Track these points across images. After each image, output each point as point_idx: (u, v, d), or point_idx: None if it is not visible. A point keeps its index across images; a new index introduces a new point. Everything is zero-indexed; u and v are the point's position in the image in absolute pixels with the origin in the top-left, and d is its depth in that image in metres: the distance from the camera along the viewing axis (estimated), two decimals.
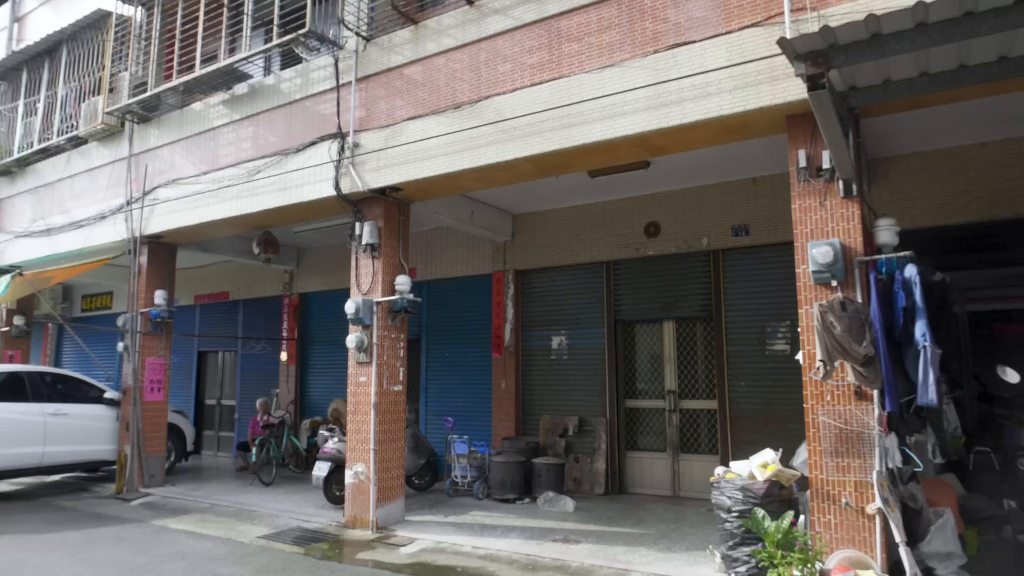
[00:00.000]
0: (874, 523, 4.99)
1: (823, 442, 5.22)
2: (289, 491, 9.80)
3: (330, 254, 12.42)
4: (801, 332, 5.45)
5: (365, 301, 7.69)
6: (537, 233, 10.27)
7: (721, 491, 5.61)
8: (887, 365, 4.89)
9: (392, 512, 7.68)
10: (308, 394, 12.63)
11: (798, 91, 5.33)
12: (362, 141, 7.84)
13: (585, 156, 6.65)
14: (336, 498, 8.56)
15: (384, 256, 7.88)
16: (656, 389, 9.39)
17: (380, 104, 7.80)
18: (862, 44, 4.03)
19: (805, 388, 5.37)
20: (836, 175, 5.34)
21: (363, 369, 7.77)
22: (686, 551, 6.46)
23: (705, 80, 5.74)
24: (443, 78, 7.33)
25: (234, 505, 8.83)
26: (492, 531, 7.31)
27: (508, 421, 10.11)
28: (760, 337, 8.57)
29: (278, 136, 8.68)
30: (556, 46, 6.62)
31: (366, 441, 7.61)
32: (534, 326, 10.34)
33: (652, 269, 9.44)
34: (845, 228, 5.32)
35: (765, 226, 8.51)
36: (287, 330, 12.80)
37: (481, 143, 6.92)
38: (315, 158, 8.17)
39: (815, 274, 5.28)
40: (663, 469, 9.18)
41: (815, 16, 5.34)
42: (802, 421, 8.09)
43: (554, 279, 10.26)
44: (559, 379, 10.03)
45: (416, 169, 7.36)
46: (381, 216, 7.90)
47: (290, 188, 8.35)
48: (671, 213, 9.17)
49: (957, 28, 3.80)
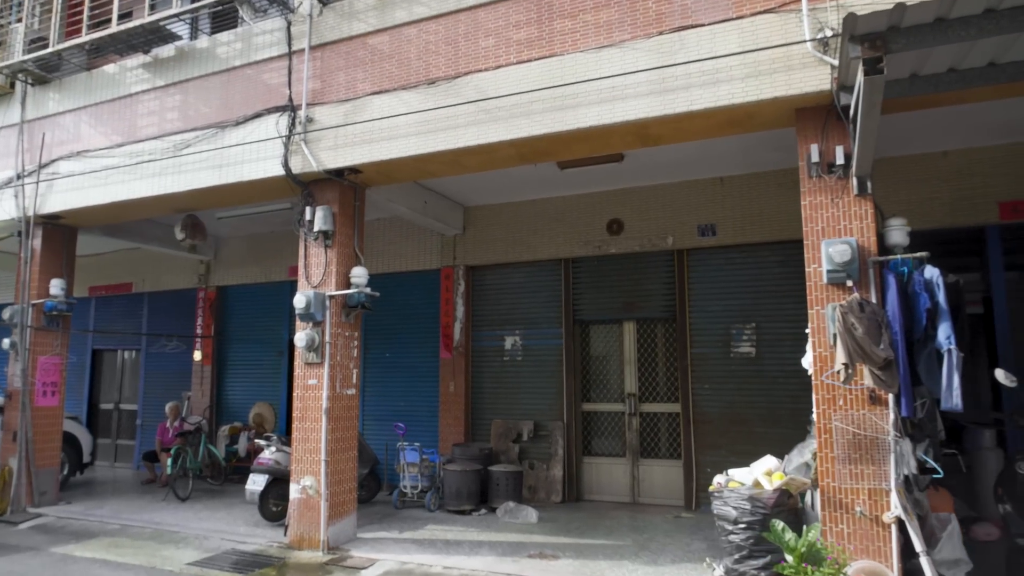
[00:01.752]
0: (889, 532, 4.82)
1: (835, 448, 5.00)
2: (211, 507, 8.73)
3: (255, 244, 11.33)
4: (812, 334, 5.22)
5: (317, 295, 6.87)
6: (491, 227, 9.72)
7: (725, 501, 5.30)
8: (905, 368, 4.73)
9: (344, 530, 6.90)
10: (226, 397, 11.44)
11: (815, 83, 5.12)
12: (317, 116, 7.01)
13: (574, 143, 6.18)
14: (273, 514, 7.66)
15: (338, 245, 7.09)
16: (615, 392, 9.07)
17: (338, 76, 7.01)
18: (925, 28, 3.79)
19: (816, 392, 5.14)
20: (850, 172, 5.14)
21: (313, 371, 6.94)
22: (673, 563, 6.12)
23: (715, 66, 5.41)
24: (415, 50, 6.66)
25: (150, 525, 7.72)
26: (458, 548, 6.69)
27: (456, 426, 9.49)
28: (725, 339, 8.43)
29: (212, 107, 7.67)
30: (547, 22, 6.11)
31: (316, 451, 6.79)
32: (486, 325, 9.77)
33: (614, 268, 9.12)
34: (859, 227, 5.13)
35: (732, 227, 8.37)
36: (202, 327, 11.56)
37: (459, 123, 6.31)
38: (259, 132, 7.26)
39: (830, 273, 5.06)
40: (622, 475, 8.86)
41: (834, 5, 5.13)
42: (768, 425, 8.15)
43: (508, 276, 9.75)
44: (513, 381, 9.51)
45: (381, 149, 6.64)
46: (336, 201, 7.10)
47: (228, 165, 7.37)
48: (635, 210, 8.88)
49: None
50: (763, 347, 8.23)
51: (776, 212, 8.17)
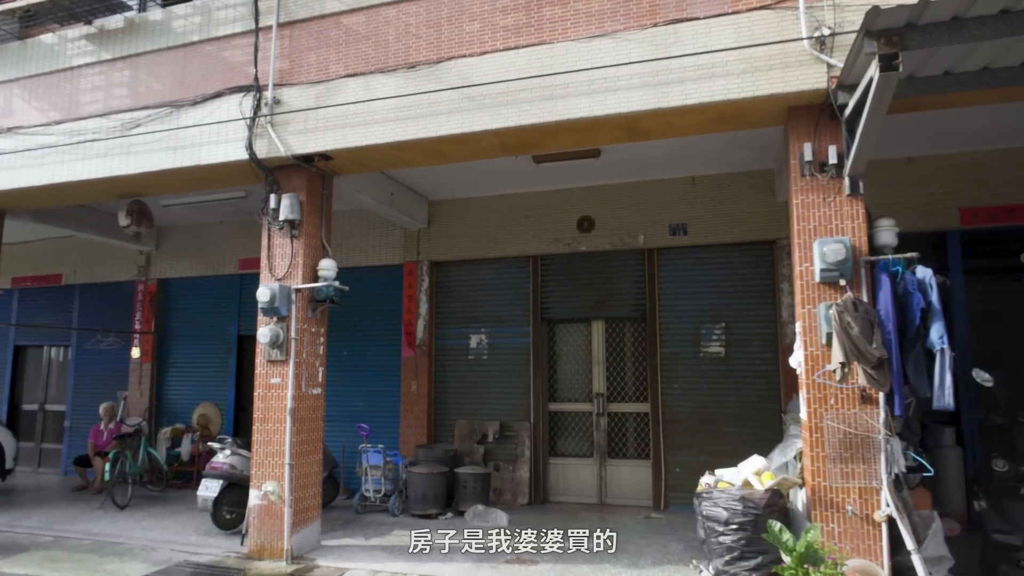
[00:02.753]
0: (879, 531, 4.84)
1: (827, 447, 4.99)
2: (155, 515, 8.13)
3: (202, 234, 10.68)
4: (802, 333, 5.19)
5: (282, 288, 6.45)
6: (457, 222, 9.44)
7: (715, 502, 5.20)
8: (898, 367, 4.76)
9: (308, 538, 6.51)
10: (167, 397, 10.73)
11: (812, 81, 5.11)
12: (284, 98, 6.59)
13: (561, 134, 6.00)
14: (228, 522, 7.18)
15: (305, 236, 6.69)
16: (583, 392, 8.94)
17: (309, 56, 6.62)
18: (941, 26, 3.78)
19: (807, 392, 5.12)
20: (843, 171, 5.15)
21: (276, 369, 6.52)
22: (654, 565, 6.02)
23: (711, 60, 5.33)
24: (393, 32, 6.34)
25: (88, 536, 7.11)
26: (431, 555, 6.39)
27: (419, 427, 9.17)
28: (695, 339, 8.42)
29: (167, 84, 7.13)
30: (535, 8, 5.92)
31: (279, 455, 6.38)
32: (451, 323, 9.48)
33: (584, 266, 8.99)
34: (851, 226, 5.15)
35: (703, 226, 8.37)
36: (141, 322, 10.82)
37: (441, 110, 6.03)
38: (220, 113, 6.78)
39: (823, 272, 5.04)
40: (589, 476, 8.74)
41: (830, 4, 5.13)
42: (737, 424, 8.16)
43: (475, 273, 9.49)
44: (478, 381, 9.26)
45: (356, 135, 6.29)
46: (304, 188, 6.70)
47: (184, 148, 6.86)
48: (606, 208, 8.78)
49: None
50: (732, 347, 8.26)
51: (747, 213, 8.22)
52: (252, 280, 10.24)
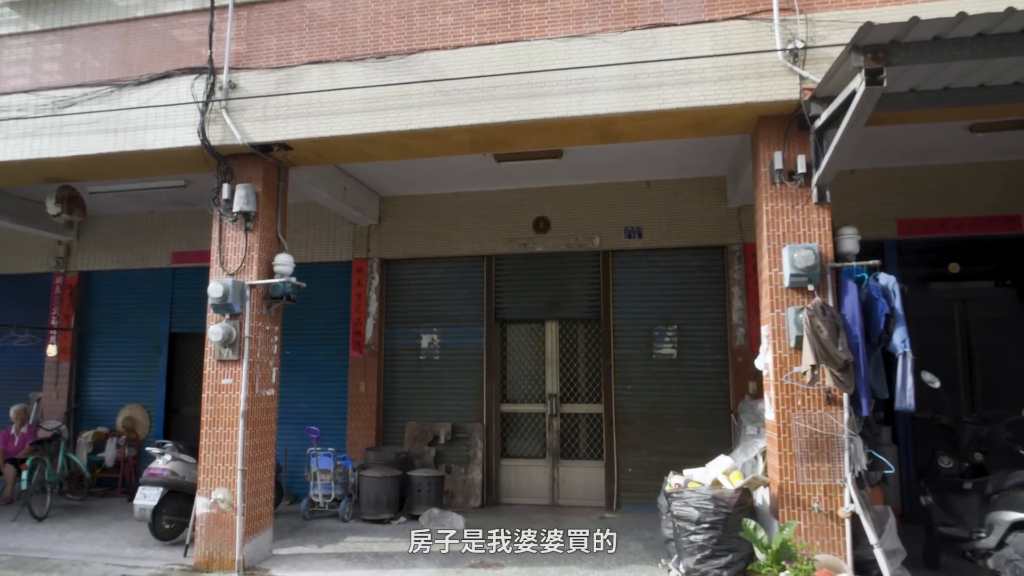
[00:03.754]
0: (843, 526, 5.03)
1: (795, 447, 5.15)
2: (79, 526, 7.52)
3: (131, 224, 9.99)
4: (772, 336, 5.34)
5: (236, 283, 6.10)
6: (409, 219, 9.22)
7: (686, 502, 5.27)
8: (865, 370, 4.96)
9: (260, 547, 6.18)
10: (88, 399, 9.96)
11: (784, 91, 5.26)
12: (242, 83, 6.24)
13: (534, 133, 5.95)
14: (167, 532, 6.73)
15: (261, 229, 6.35)
16: (536, 393, 8.92)
17: (269, 40, 6.29)
18: (924, 45, 3.95)
19: (775, 393, 5.26)
20: (812, 180, 5.33)
21: (228, 369, 6.15)
22: (619, 565, 6.05)
23: (688, 66, 5.40)
24: (361, 20, 6.11)
25: (5, 552, 6.50)
26: (391, 561, 6.21)
27: (367, 429, 8.89)
28: (647, 341, 8.55)
29: (106, 61, 6.61)
30: (512, 4, 5.84)
31: (230, 460, 6.02)
32: (401, 322, 9.25)
33: (539, 266, 8.97)
34: (819, 233, 5.33)
35: (657, 230, 8.51)
36: (59, 317, 10.01)
37: (412, 103, 5.86)
38: (168, 96, 6.34)
39: (793, 277, 5.20)
40: (542, 477, 8.73)
41: (803, 18, 5.30)
42: (688, 425, 8.33)
43: (427, 271, 9.29)
44: (429, 382, 9.07)
45: (320, 125, 6.02)
46: (260, 179, 6.36)
47: (126, 131, 6.38)
48: (562, 209, 8.79)
49: (1011, 44, 3.88)
50: (684, 349, 8.44)
51: (700, 218, 8.42)
52: (187, 274, 9.75)
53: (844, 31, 5.22)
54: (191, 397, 9.77)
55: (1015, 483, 4.75)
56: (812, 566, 4.56)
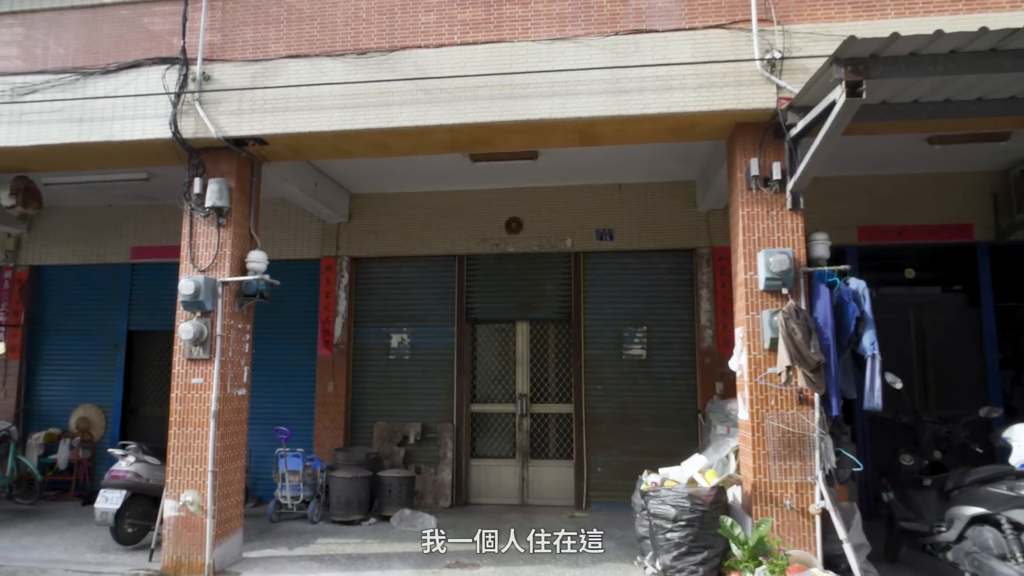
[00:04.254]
0: (813, 522, 5.20)
1: (768, 446, 5.30)
2: (33, 531, 7.22)
3: (86, 218, 9.62)
4: (747, 338, 5.48)
5: (208, 280, 5.95)
6: (380, 217, 9.14)
7: (662, 500, 5.37)
8: (835, 371, 5.14)
9: (230, 550, 6.04)
10: (39, 399, 9.55)
11: (762, 100, 5.41)
12: (216, 75, 6.09)
13: (516, 134, 5.98)
14: (129, 536, 6.52)
15: (234, 225, 6.21)
16: (507, 393, 8.94)
17: (245, 32, 6.15)
18: (900, 60, 4.12)
19: (750, 393, 5.40)
20: (786, 187, 5.49)
21: (199, 368, 6.00)
22: (594, 564, 6.11)
23: (668, 72, 5.51)
24: (341, 15, 6.04)
25: None
26: (365, 563, 6.15)
27: (335, 429, 8.78)
28: (617, 341, 8.66)
29: (70, 48, 6.37)
30: (495, 5, 5.85)
31: (200, 461, 5.87)
32: (371, 322, 9.16)
33: (510, 267, 9.00)
34: (792, 239, 5.50)
35: (628, 232, 8.63)
36: (8, 313, 9.57)
37: (394, 101, 5.81)
38: (138, 85, 6.15)
39: (768, 281, 5.35)
40: (511, 477, 8.75)
41: (780, 29, 5.46)
42: (657, 424, 8.47)
43: (398, 270, 9.22)
44: (399, 381, 9.00)
45: (299, 120, 5.92)
46: (233, 174, 6.22)
47: (92, 120, 6.15)
48: (535, 210, 8.84)
49: (980, 61, 4.08)
50: (653, 350, 8.58)
51: (669, 221, 8.57)
52: (147, 270, 9.47)
53: (819, 43, 5.41)
54: (150, 397, 9.48)
55: (975, 479, 4.98)
56: (787, 561, 4.70)
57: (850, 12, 5.46)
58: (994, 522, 4.71)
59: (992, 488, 4.76)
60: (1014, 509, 4.57)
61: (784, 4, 5.52)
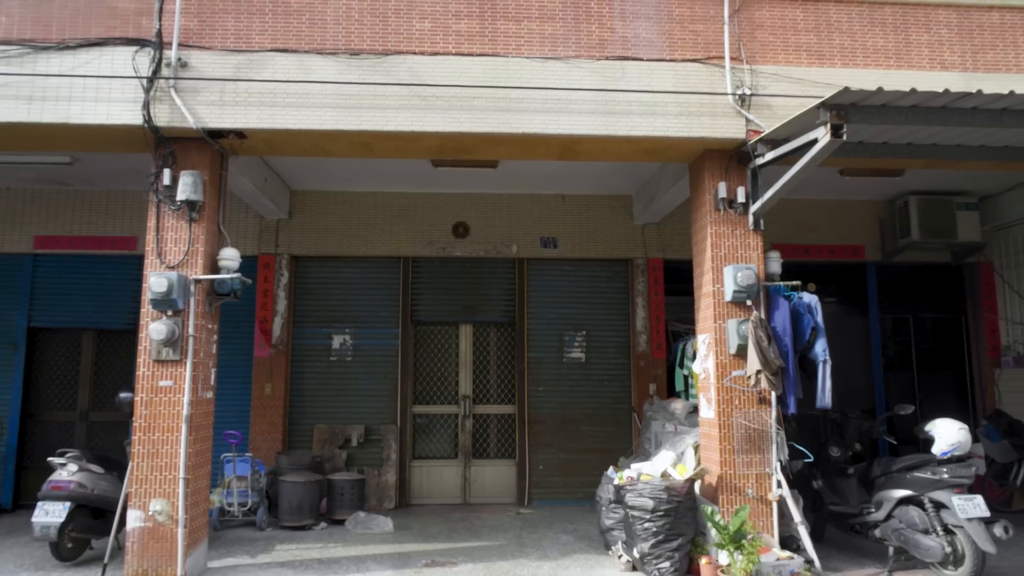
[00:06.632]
0: (771, 508, 5.87)
1: (734, 441, 5.91)
2: None
3: None
4: (714, 344, 6.07)
5: (180, 278, 5.65)
6: (322, 216, 8.95)
7: (639, 493, 5.81)
8: (794, 374, 5.85)
9: (198, 561, 5.77)
10: None
11: (733, 130, 6.04)
12: (194, 62, 5.79)
13: (502, 145, 6.21)
14: (70, 552, 6.00)
15: (206, 220, 5.93)
16: (450, 394, 9.08)
17: (225, 20, 5.90)
18: (874, 109, 4.84)
19: (716, 394, 6.00)
20: (750, 209, 6.16)
21: (168, 370, 5.67)
22: (563, 556, 6.45)
23: (653, 99, 5.99)
24: (332, 13, 5.96)
25: None
26: (339, 567, 6.09)
27: (273, 432, 8.49)
28: (559, 345, 9.08)
29: (15, 18, 5.78)
30: (489, 19, 6.05)
31: (169, 468, 5.56)
32: (311, 322, 8.94)
33: (456, 270, 9.14)
34: (754, 256, 6.17)
35: (571, 241, 9.09)
36: None
37: (389, 104, 5.84)
38: (100, 65, 5.70)
39: (735, 293, 5.97)
40: (453, 477, 8.91)
41: (748, 68, 6.11)
42: (595, 424, 9.02)
43: (340, 270, 9.06)
44: (341, 383, 8.86)
45: (288, 116, 5.78)
46: (206, 167, 5.93)
47: (44, 100, 5.62)
48: (482, 216, 9.06)
49: (935, 115, 4.89)
50: (591, 353, 9.09)
51: (608, 232, 9.13)
52: (52, 262, 8.70)
53: (780, 84, 6.13)
54: (54, 400, 8.63)
55: (901, 467, 5.87)
56: (761, 542, 5.31)
57: (805, 58, 6.22)
58: (918, 502, 5.61)
59: (917, 473, 5.66)
60: (936, 491, 5.47)
61: (751, 45, 6.19)
